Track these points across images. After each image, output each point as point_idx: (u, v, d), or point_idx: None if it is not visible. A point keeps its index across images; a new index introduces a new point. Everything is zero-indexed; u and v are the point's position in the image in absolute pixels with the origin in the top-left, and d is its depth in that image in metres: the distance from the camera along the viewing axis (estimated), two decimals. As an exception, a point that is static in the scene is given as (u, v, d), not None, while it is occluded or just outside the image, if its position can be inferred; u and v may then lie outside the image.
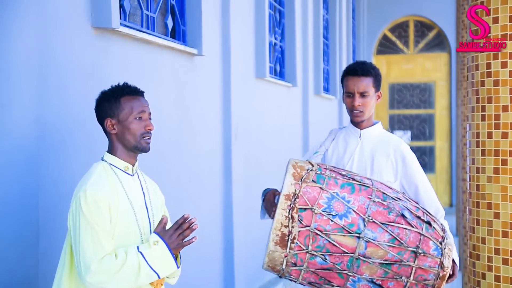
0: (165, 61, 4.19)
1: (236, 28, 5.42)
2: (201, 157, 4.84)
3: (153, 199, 2.58)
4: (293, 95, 7.73)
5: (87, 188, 2.32)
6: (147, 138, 2.47)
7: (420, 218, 2.56)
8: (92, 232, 2.29)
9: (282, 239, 2.47)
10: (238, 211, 5.47)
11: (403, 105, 14.00)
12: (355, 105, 3.00)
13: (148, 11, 4.09)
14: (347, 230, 2.47)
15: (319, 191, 2.52)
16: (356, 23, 13.43)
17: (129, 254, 2.32)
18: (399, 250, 2.49)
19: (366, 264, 2.48)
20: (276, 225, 2.47)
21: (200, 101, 4.81)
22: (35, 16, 2.85)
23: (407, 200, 2.64)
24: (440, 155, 13.61)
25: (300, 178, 2.55)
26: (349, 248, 2.47)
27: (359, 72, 3.01)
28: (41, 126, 2.87)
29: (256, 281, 6.16)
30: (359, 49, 13.58)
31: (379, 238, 2.48)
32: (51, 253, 2.93)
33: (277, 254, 2.49)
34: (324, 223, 2.47)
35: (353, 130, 3.11)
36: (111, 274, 2.28)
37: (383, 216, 2.50)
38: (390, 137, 3.11)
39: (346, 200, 2.51)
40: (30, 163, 2.81)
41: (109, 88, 2.53)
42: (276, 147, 6.90)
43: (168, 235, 2.39)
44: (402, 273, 2.50)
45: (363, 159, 3.03)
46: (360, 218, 2.49)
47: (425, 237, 2.52)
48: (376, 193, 2.56)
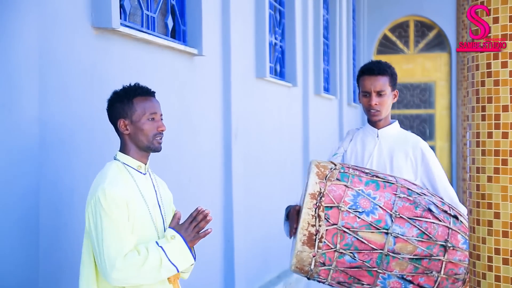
0: (165, 61, 4.19)
1: (236, 28, 5.42)
2: (201, 157, 4.84)
3: (164, 197, 2.64)
4: (293, 95, 7.73)
5: (105, 186, 2.36)
6: (159, 138, 2.52)
7: (447, 212, 2.55)
8: (115, 229, 2.33)
9: (310, 238, 2.45)
10: (238, 211, 5.47)
11: (403, 105, 14.00)
12: (372, 104, 2.99)
13: (148, 11, 4.09)
14: (374, 227, 2.45)
15: (344, 188, 2.51)
16: (356, 23, 13.43)
17: (150, 249, 2.36)
18: (428, 244, 2.47)
19: (396, 260, 2.46)
20: (303, 225, 2.45)
21: (200, 101, 4.81)
22: (36, 16, 2.85)
23: (432, 195, 2.63)
24: (440, 155, 13.60)
25: (325, 177, 2.54)
26: (378, 244, 2.45)
27: (376, 71, 3.00)
28: (42, 126, 2.87)
29: (256, 281, 6.16)
30: (359, 49, 13.57)
31: (407, 233, 2.46)
32: (51, 253, 2.93)
33: (305, 254, 2.47)
34: (351, 221, 2.46)
35: (370, 130, 3.10)
36: (135, 269, 2.32)
37: (410, 211, 2.49)
38: (408, 135, 3.10)
39: (372, 197, 2.50)
40: (31, 163, 2.81)
41: (121, 89, 2.55)
42: (276, 147, 6.90)
43: (184, 228, 2.44)
44: (433, 267, 2.48)
45: (382, 159, 3.02)
46: (387, 214, 2.47)
47: (453, 231, 2.51)
48: (401, 189, 2.55)
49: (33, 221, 2.81)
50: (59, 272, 2.98)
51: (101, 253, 2.34)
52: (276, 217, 5.48)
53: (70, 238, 3.01)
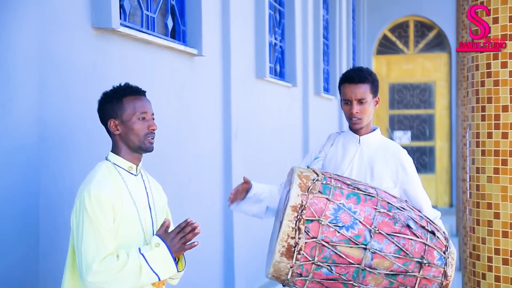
0: (165, 61, 4.19)
1: (236, 28, 5.42)
2: (201, 157, 4.84)
3: (156, 199, 2.59)
4: (293, 95, 7.73)
5: (91, 187, 2.33)
6: (150, 138, 2.48)
7: (425, 228, 2.56)
8: (95, 231, 2.30)
9: (289, 250, 2.46)
10: (238, 211, 5.47)
11: (403, 105, 14.00)
12: (353, 113, 2.99)
13: (148, 11, 4.09)
14: (353, 242, 2.46)
15: (325, 202, 2.51)
16: (356, 23, 13.43)
17: (130, 255, 2.32)
18: (405, 261, 2.49)
19: (372, 275, 2.48)
20: (283, 237, 2.45)
21: (200, 101, 4.81)
22: (35, 16, 2.85)
23: (411, 209, 2.64)
24: (440, 155, 13.61)
25: (307, 189, 2.53)
26: (355, 259, 2.46)
27: (356, 80, 2.99)
28: (41, 126, 2.87)
29: (256, 281, 6.16)
30: (359, 49, 13.57)
31: (385, 249, 2.47)
32: (51, 253, 2.93)
33: (283, 265, 2.48)
34: (330, 235, 2.46)
35: (352, 136, 3.10)
36: (112, 274, 2.28)
37: (389, 226, 2.50)
38: (389, 143, 3.10)
39: (352, 211, 2.50)
40: (30, 164, 2.81)
41: (111, 89, 2.53)
42: (276, 147, 6.90)
43: (170, 238, 2.40)
44: (407, 283, 2.50)
45: (362, 166, 3.02)
46: (367, 229, 2.48)
47: (429, 247, 2.53)
48: (381, 203, 2.56)
49: (33, 221, 2.81)
50: (59, 272, 2.98)
51: (79, 255, 2.31)
52: (276, 217, 5.48)
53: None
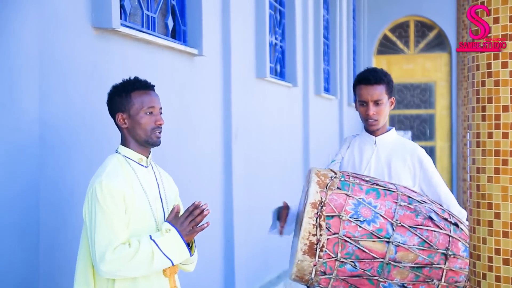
0: (166, 61, 4.19)
1: (236, 28, 5.42)
2: (201, 157, 4.84)
3: (168, 191, 2.63)
4: (293, 95, 7.73)
5: (103, 179, 2.37)
6: (157, 132, 2.50)
7: (447, 220, 2.55)
8: (107, 221, 2.33)
9: (311, 248, 2.45)
10: (239, 211, 5.47)
11: (404, 105, 14.00)
12: (370, 114, 2.97)
13: (148, 11, 4.09)
14: (376, 236, 2.45)
15: (345, 197, 2.50)
16: (356, 23, 13.43)
17: (142, 242, 2.36)
18: (429, 252, 2.47)
19: (397, 269, 2.46)
20: (304, 234, 2.45)
21: (200, 101, 4.81)
22: (36, 16, 2.85)
23: (432, 202, 2.63)
24: (440, 155, 13.60)
25: (325, 186, 2.53)
26: (379, 253, 2.45)
27: (372, 81, 2.98)
28: (42, 126, 2.87)
29: (257, 281, 6.16)
30: (360, 49, 13.57)
31: (408, 241, 2.46)
32: (52, 252, 2.93)
33: (306, 264, 2.46)
34: (352, 230, 2.45)
35: (367, 137, 3.09)
36: (125, 262, 2.32)
37: (411, 219, 2.49)
38: (405, 142, 3.09)
39: (372, 206, 2.49)
40: (31, 163, 2.81)
41: (120, 82, 2.55)
42: (277, 147, 6.90)
43: (180, 222, 2.43)
44: (433, 276, 2.48)
45: (379, 166, 3.00)
46: (388, 222, 2.47)
47: (454, 239, 2.51)
48: (402, 197, 2.55)
49: (33, 220, 2.82)
50: (59, 271, 2.98)
51: (92, 245, 2.35)
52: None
53: (71, 238, 3.01)
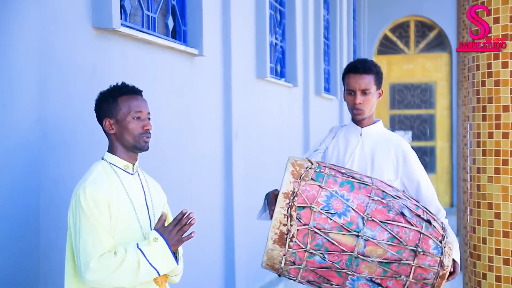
0: (166, 61, 4.19)
1: (236, 28, 5.42)
2: (202, 158, 4.84)
3: (155, 198, 2.59)
4: (293, 95, 7.73)
5: (86, 186, 2.34)
6: (145, 137, 2.47)
7: (420, 216, 2.55)
8: (92, 229, 2.30)
9: (281, 237, 2.46)
10: (239, 211, 5.47)
11: (404, 105, 14.00)
12: (357, 103, 2.99)
13: (148, 11, 4.09)
14: (346, 229, 2.46)
15: (318, 189, 2.50)
16: (356, 23, 13.43)
17: (128, 251, 2.32)
18: (398, 248, 2.47)
19: (365, 263, 2.47)
20: (275, 224, 2.46)
21: (200, 101, 4.81)
22: (36, 16, 2.85)
23: (407, 198, 2.63)
24: (441, 155, 13.60)
25: (299, 176, 2.54)
26: (348, 246, 2.46)
27: (361, 70, 2.99)
28: (42, 126, 2.88)
29: (257, 281, 6.16)
30: (360, 49, 13.57)
31: (378, 236, 2.46)
32: (52, 253, 2.93)
33: (276, 253, 2.48)
34: (323, 222, 2.46)
35: (354, 128, 3.10)
36: (110, 271, 2.29)
37: (382, 214, 2.49)
38: (391, 135, 3.10)
39: (345, 199, 2.49)
40: (31, 163, 2.81)
41: (107, 88, 2.53)
42: (277, 147, 6.90)
43: (168, 231, 2.39)
44: (402, 272, 2.48)
45: (363, 157, 3.02)
46: (359, 216, 2.47)
47: (424, 236, 2.50)
48: (376, 191, 2.55)
49: (33, 220, 2.82)
50: (59, 271, 2.98)
51: (77, 253, 2.32)
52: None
53: (71, 238, 3.01)
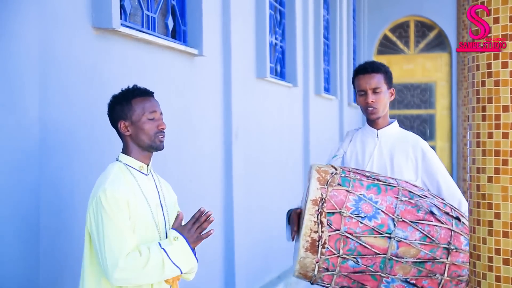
0: (166, 61, 4.19)
1: (236, 28, 5.42)
2: (202, 158, 4.84)
3: (167, 198, 2.65)
4: (293, 95, 7.73)
5: (107, 187, 2.38)
6: (160, 136, 2.55)
7: (449, 214, 2.54)
8: (116, 229, 2.35)
9: (313, 244, 2.45)
10: (239, 211, 5.47)
11: (404, 105, 14.00)
12: (369, 102, 2.99)
13: (148, 11, 4.09)
14: (377, 231, 2.45)
15: (346, 194, 2.50)
16: (356, 23, 13.43)
17: (152, 250, 2.37)
18: (431, 247, 2.47)
19: (399, 264, 2.46)
20: (306, 231, 2.45)
21: (200, 101, 4.81)
22: (36, 17, 2.85)
23: (433, 197, 2.62)
24: (440, 155, 13.60)
25: (326, 182, 2.53)
26: (381, 249, 2.45)
27: (369, 69, 3.01)
28: (42, 126, 2.87)
29: (257, 281, 6.16)
30: (360, 49, 13.57)
31: (410, 236, 2.46)
32: (52, 253, 2.93)
33: (308, 261, 2.47)
34: (353, 226, 2.45)
35: (370, 130, 3.09)
36: (137, 270, 2.34)
37: (412, 214, 2.49)
38: (408, 135, 3.09)
39: (373, 201, 2.49)
40: (31, 164, 2.81)
41: (120, 92, 2.59)
42: (277, 148, 6.90)
43: (187, 229, 2.46)
44: (436, 270, 2.47)
45: (382, 159, 3.00)
46: (390, 218, 2.47)
47: (455, 233, 2.50)
48: (403, 192, 2.54)
49: (33, 221, 2.82)
50: (59, 272, 2.98)
51: (102, 253, 2.35)
52: (276, 217, 5.48)
53: (71, 239, 3.01)
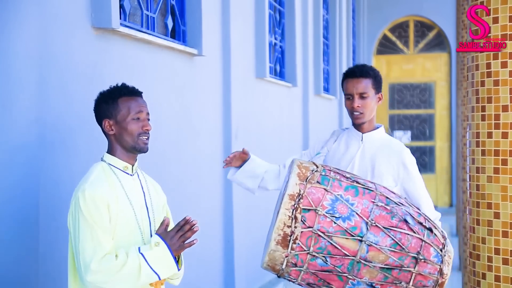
0: (165, 61, 4.20)
1: (236, 28, 5.42)
2: (202, 158, 4.84)
3: (154, 199, 2.58)
4: (293, 95, 7.73)
5: (86, 188, 2.33)
6: (144, 138, 2.47)
7: (422, 224, 2.56)
8: (92, 231, 2.30)
9: (284, 239, 2.46)
10: (238, 211, 5.48)
11: (403, 105, 14.00)
12: (355, 107, 2.99)
13: (148, 11, 4.10)
14: (349, 233, 2.46)
15: (323, 192, 2.50)
16: (356, 23, 13.44)
17: (130, 254, 2.32)
18: (400, 255, 2.48)
19: (367, 268, 2.47)
20: (279, 225, 2.46)
21: (200, 101, 4.81)
22: (36, 16, 2.85)
23: (409, 205, 2.64)
24: (440, 155, 13.61)
25: (305, 179, 2.53)
26: (351, 251, 2.46)
27: (358, 74, 3.00)
28: (41, 126, 2.88)
29: (257, 281, 6.16)
30: (359, 49, 13.58)
31: (381, 242, 2.47)
32: (51, 253, 2.93)
33: (278, 254, 2.48)
34: (327, 225, 2.46)
35: (355, 133, 3.10)
36: (111, 274, 2.29)
37: (386, 220, 2.50)
38: (392, 141, 3.09)
39: (350, 203, 2.50)
40: (30, 163, 2.81)
41: (107, 89, 2.53)
42: (277, 147, 6.91)
43: (170, 236, 2.39)
44: (402, 278, 2.50)
45: (364, 163, 3.02)
46: (363, 221, 2.48)
47: (426, 244, 2.52)
48: (380, 197, 2.55)
49: (33, 221, 2.82)
50: (59, 272, 2.98)
51: (77, 255, 2.31)
52: (276, 217, 5.47)
53: (70, 238, 3.01)
